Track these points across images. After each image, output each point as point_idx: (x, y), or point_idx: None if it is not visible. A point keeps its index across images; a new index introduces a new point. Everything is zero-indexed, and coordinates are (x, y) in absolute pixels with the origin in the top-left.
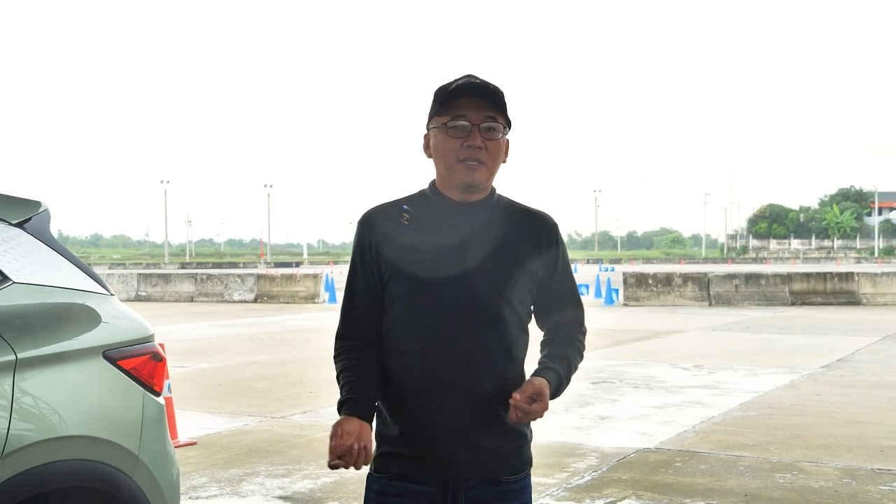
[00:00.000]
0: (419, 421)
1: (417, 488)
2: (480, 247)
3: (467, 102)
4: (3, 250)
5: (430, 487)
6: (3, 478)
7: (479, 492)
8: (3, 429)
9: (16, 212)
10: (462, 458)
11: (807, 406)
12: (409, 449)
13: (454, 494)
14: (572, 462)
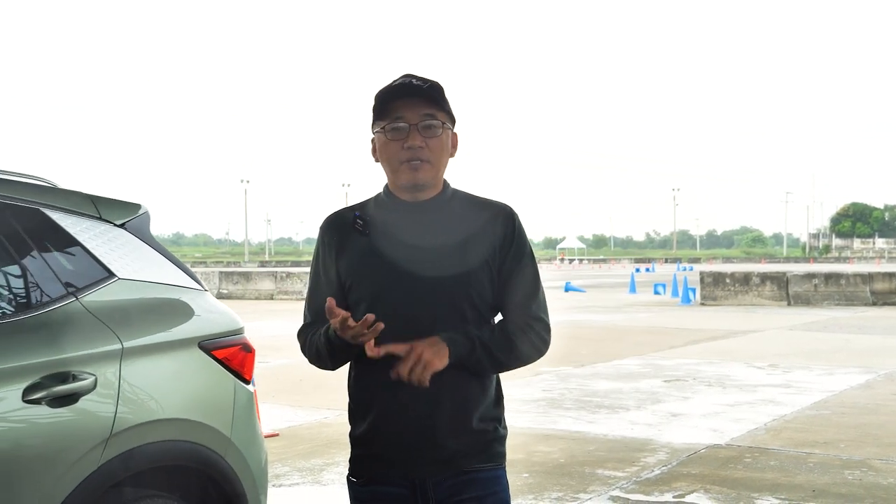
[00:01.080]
0: (382, 422)
1: (386, 490)
2: (434, 245)
3: (403, 104)
4: (108, 249)
5: (399, 488)
6: (110, 455)
7: (448, 484)
8: (112, 411)
9: (119, 213)
10: (425, 457)
11: (881, 405)
12: (375, 449)
13: (423, 493)
14: (642, 457)
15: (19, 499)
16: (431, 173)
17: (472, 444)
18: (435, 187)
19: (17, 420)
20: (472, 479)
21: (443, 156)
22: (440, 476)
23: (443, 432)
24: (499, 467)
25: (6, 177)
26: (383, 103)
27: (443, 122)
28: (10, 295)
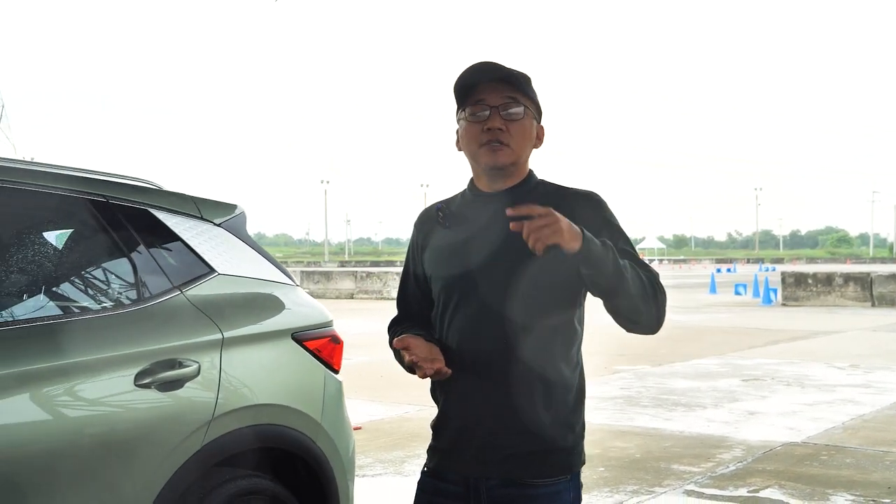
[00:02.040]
0: (448, 416)
1: (445, 487)
2: (512, 236)
3: (485, 87)
4: (209, 247)
5: (454, 486)
6: (212, 437)
7: (502, 493)
8: (213, 397)
9: (218, 213)
10: (483, 456)
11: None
12: (441, 442)
13: (476, 494)
14: (718, 453)
15: (131, 474)
16: (511, 157)
17: (530, 449)
18: (517, 175)
19: (130, 402)
20: (528, 495)
21: (525, 142)
22: (494, 479)
23: (501, 431)
24: (560, 480)
25: (117, 180)
26: (465, 87)
27: (526, 107)
28: (122, 288)
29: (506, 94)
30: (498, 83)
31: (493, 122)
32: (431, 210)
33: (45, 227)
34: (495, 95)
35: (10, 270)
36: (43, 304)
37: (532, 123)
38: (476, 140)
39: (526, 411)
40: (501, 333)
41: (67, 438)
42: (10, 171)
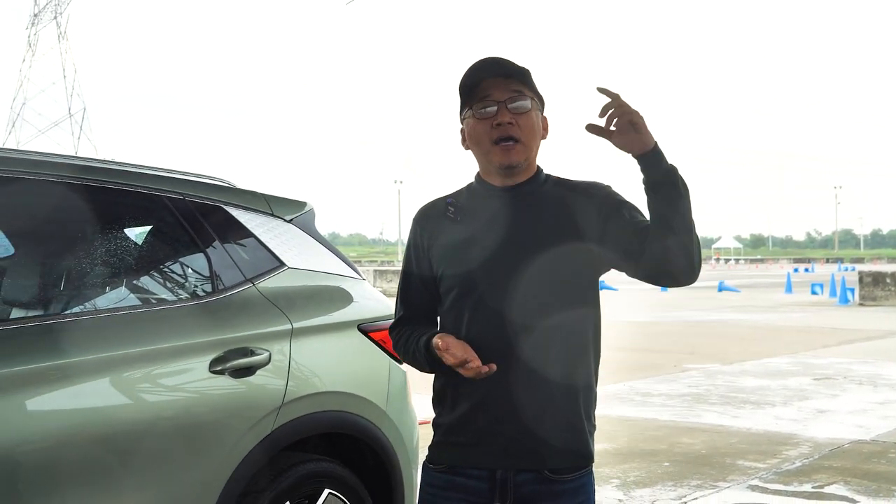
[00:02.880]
0: (469, 410)
1: (464, 482)
2: (528, 231)
3: (490, 83)
4: (279, 242)
5: (478, 482)
6: (282, 422)
7: (530, 489)
8: (283, 384)
9: (288, 210)
10: (511, 448)
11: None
12: (458, 437)
13: (503, 489)
14: (784, 450)
15: (206, 456)
16: (524, 154)
17: (558, 438)
18: (528, 170)
19: (205, 388)
20: (556, 491)
21: (534, 136)
22: (522, 471)
23: (528, 421)
24: (585, 473)
25: (194, 178)
26: (470, 85)
27: (532, 100)
28: (198, 281)
29: (511, 89)
30: (502, 78)
31: (502, 117)
32: (437, 206)
33: (127, 223)
34: (501, 90)
35: (95, 263)
36: (124, 296)
37: (538, 115)
38: (487, 137)
39: (550, 405)
40: (527, 329)
41: (146, 421)
42: (94, 170)
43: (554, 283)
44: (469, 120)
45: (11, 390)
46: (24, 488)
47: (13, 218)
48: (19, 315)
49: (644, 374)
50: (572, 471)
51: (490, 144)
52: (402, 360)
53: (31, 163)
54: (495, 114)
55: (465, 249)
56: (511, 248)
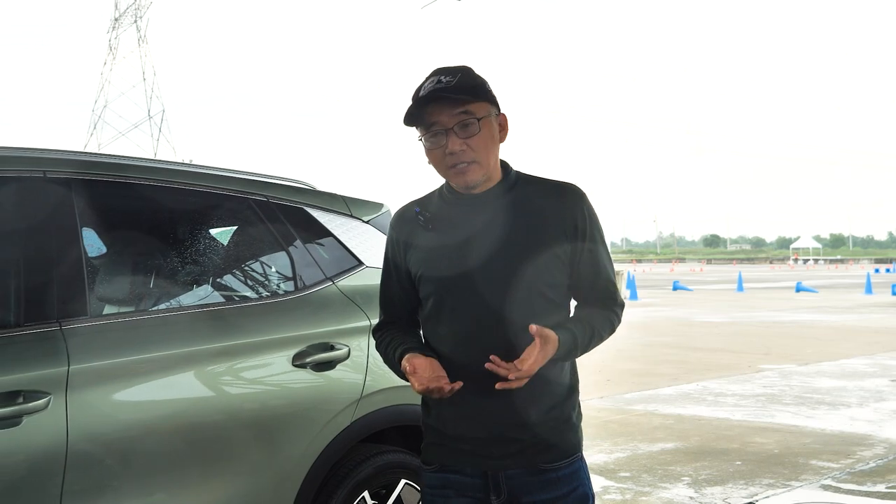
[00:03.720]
0: (454, 414)
1: (459, 479)
2: (500, 236)
3: (435, 109)
4: (357, 241)
5: (472, 478)
6: (360, 415)
7: (521, 482)
8: (361, 378)
9: (366, 211)
10: (497, 450)
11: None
12: (444, 439)
13: (495, 485)
14: (858, 451)
15: (289, 447)
16: (480, 172)
17: (545, 436)
18: (492, 178)
19: (287, 381)
20: (549, 479)
21: (489, 149)
22: (512, 469)
23: (512, 424)
24: (575, 460)
25: (276, 181)
26: (415, 113)
27: (480, 117)
28: (281, 279)
29: (456, 111)
30: (444, 102)
31: (452, 146)
32: (409, 211)
33: (214, 224)
34: (446, 116)
35: (184, 262)
36: (210, 293)
37: (491, 124)
38: (442, 164)
39: (527, 406)
40: (499, 335)
41: (230, 412)
42: (184, 174)
43: (525, 284)
44: (423, 143)
45: (103, 382)
46: (114, 475)
47: (105, 219)
48: (111, 311)
49: (718, 374)
50: (561, 459)
51: (446, 169)
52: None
53: (122, 166)
54: (445, 141)
55: (438, 256)
56: (481, 253)
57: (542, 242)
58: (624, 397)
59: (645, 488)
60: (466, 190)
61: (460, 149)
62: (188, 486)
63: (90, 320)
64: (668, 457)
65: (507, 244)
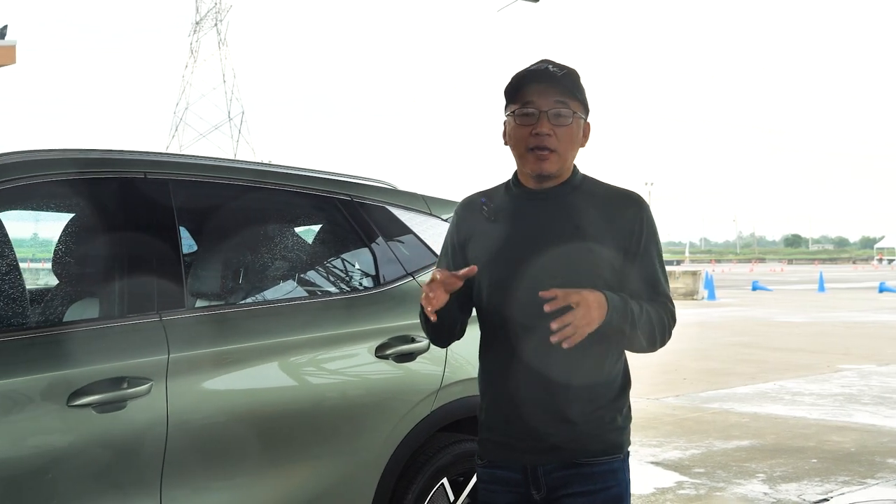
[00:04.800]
0: (498, 408)
1: (503, 474)
2: (560, 234)
3: (535, 89)
4: (437, 239)
5: (513, 473)
6: (438, 405)
7: (559, 475)
8: (440, 370)
9: (444, 209)
10: (534, 447)
11: None
12: (491, 434)
13: (534, 479)
14: None
15: (371, 435)
16: (557, 164)
17: (583, 434)
18: (562, 176)
19: (370, 371)
20: (585, 473)
21: (571, 146)
22: (549, 464)
23: (552, 421)
24: (615, 459)
25: (360, 181)
26: (515, 88)
27: (574, 112)
28: (364, 274)
29: (555, 98)
30: (548, 86)
31: (541, 127)
32: (475, 200)
33: (300, 222)
34: (544, 99)
35: (273, 258)
36: (296, 288)
37: (579, 125)
38: (524, 143)
39: (570, 405)
40: (548, 331)
41: (313, 401)
42: (272, 174)
43: (577, 284)
44: (510, 120)
45: (198, 370)
46: (208, 456)
47: (200, 217)
48: (203, 304)
49: (796, 373)
50: (600, 455)
51: (525, 150)
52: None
53: (215, 168)
54: (535, 122)
55: (498, 250)
56: (542, 251)
57: (600, 244)
58: (700, 396)
59: (719, 484)
60: (537, 180)
61: (548, 133)
62: (276, 469)
63: (187, 312)
64: (743, 454)
65: (565, 244)
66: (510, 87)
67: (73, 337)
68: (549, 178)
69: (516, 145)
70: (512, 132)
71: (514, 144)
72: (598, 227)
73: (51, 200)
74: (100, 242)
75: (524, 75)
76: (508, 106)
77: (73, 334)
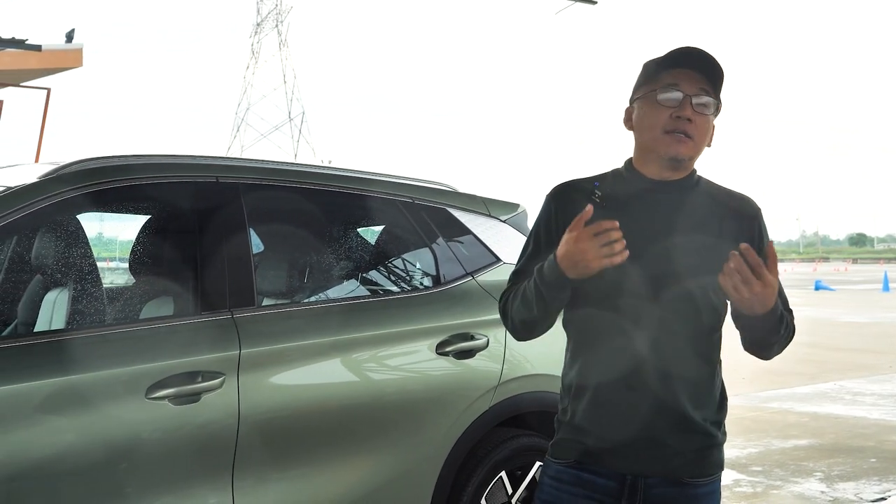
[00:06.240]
0: (600, 412)
1: (593, 479)
2: (676, 230)
3: (682, 73)
4: (495, 240)
5: (607, 480)
6: (497, 400)
7: (660, 492)
8: (499, 366)
9: (503, 211)
10: (643, 454)
11: None
12: (587, 438)
13: (632, 491)
14: None
15: (431, 429)
16: (692, 151)
17: (695, 447)
18: (686, 169)
19: (430, 368)
20: (689, 495)
21: (706, 138)
22: (655, 476)
23: (666, 428)
24: (715, 480)
25: (420, 183)
26: (661, 67)
27: (716, 103)
28: (425, 273)
29: (701, 86)
30: (696, 72)
31: (683, 111)
32: (579, 185)
33: (364, 223)
34: (691, 84)
35: (338, 258)
36: (359, 287)
37: (713, 120)
38: (660, 125)
39: (684, 410)
40: (668, 333)
41: (376, 396)
42: (336, 178)
43: (694, 283)
44: (645, 102)
45: (267, 365)
46: (278, 447)
47: (268, 219)
48: (271, 302)
49: (857, 374)
50: (705, 475)
51: (661, 133)
52: (513, 331)
53: (284, 171)
54: (678, 105)
55: None
56: (657, 244)
57: (716, 245)
58: (759, 395)
59: (776, 482)
60: (669, 165)
61: (689, 119)
62: (339, 461)
63: (256, 310)
64: (801, 453)
65: (684, 239)
66: (655, 67)
67: (151, 333)
68: (680, 166)
69: (651, 127)
70: (647, 113)
71: (647, 126)
72: (721, 227)
73: (129, 203)
74: (174, 243)
75: (673, 57)
76: (644, 87)
77: (150, 331)
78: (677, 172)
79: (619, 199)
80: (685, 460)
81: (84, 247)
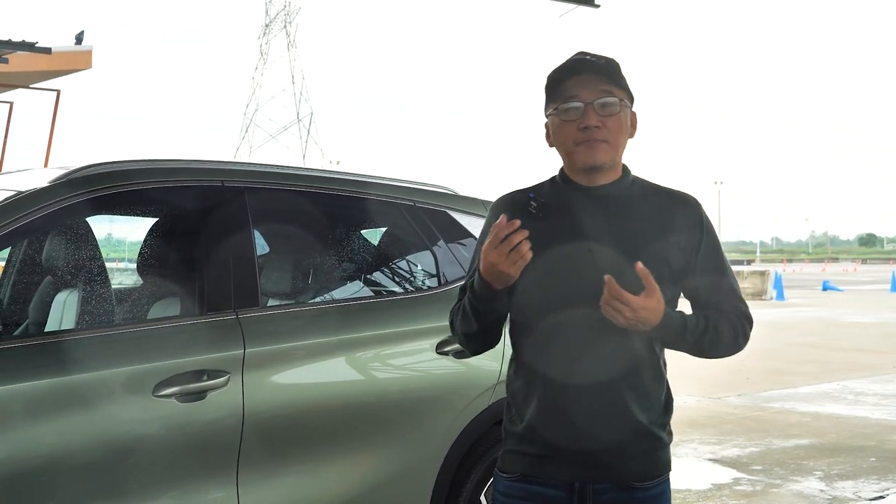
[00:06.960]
0: (545, 420)
1: (541, 490)
2: (614, 233)
3: (577, 81)
4: None
5: (556, 490)
6: (495, 399)
7: (610, 497)
8: (497, 366)
9: None
10: (590, 459)
11: None
12: (533, 447)
13: (581, 499)
14: None
15: (432, 426)
16: (609, 154)
17: (641, 450)
18: (614, 170)
19: (431, 367)
20: (637, 498)
21: (621, 136)
22: (602, 482)
23: (612, 433)
24: (664, 480)
25: (421, 186)
26: (556, 83)
27: (621, 100)
28: (426, 275)
29: (599, 88)
30: (590, 77)
31: (588, 120)
32: (516, 197)
33: (366, 226)
34: (588, 91)
35: (341, 260)
36: (361, 288)
37: (627, 114)
38: (571, 139)
39: (630, 413)
40: (605, 335)
41: (377, 394)
42: (338, 181)
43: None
44: (553, 118)
45: (272, 364)
46: (281, 444)
47: (273, 222)
48: (275, 303)
49: (860, 374)
50: (652, 478)
51: (573, 145)
52: (460, 343)
53: (287, 175)
54: (581, 115)
55: (546, 248)
56: (593, 250)
57: (656, 246)
58: (761, 395)
59: (776, 481)
60: (589, 173)
61: (596, 125)
62: (342, 458)
63: (261, 310)
64: (801, 452)
65: (619, 243)
66: (550, 84)
67: (158, 333)
68: (601, 171)
69: (563, 143)
70: (557, 130)
71: (560, 143)
72: (658, 227)
73: (136, 207)
74: (181, 246)
75: (564, 68)
76: (549, 104)
77: (157, 330)
78: (605, 176)
79: (555, 207)
80: (633, 464)
81: (93, 249)
